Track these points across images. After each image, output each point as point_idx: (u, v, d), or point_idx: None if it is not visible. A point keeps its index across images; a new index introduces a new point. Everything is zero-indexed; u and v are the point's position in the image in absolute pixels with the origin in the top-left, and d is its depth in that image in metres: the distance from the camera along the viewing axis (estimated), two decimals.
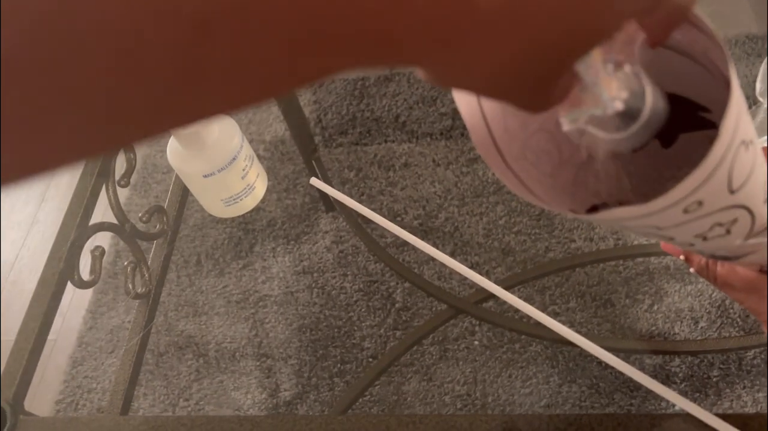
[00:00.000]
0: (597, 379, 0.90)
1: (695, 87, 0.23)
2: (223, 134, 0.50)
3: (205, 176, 0.49)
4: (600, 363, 0.92)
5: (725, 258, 0.25)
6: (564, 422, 0.39)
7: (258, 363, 1.01)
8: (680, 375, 0.88)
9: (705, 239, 0.22)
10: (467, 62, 0.16)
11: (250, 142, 1.26)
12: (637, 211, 0.19)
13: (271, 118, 1.29)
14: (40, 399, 1.06)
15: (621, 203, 0.24)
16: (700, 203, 0.20)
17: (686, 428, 0.38)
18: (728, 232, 0.21)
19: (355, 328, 1.01)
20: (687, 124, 0.24)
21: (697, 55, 0.22)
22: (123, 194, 1.24)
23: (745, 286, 0.27)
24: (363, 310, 1.02)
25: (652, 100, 0.19)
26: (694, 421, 0.38)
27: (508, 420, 0.41)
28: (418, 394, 0.95)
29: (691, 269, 0.29)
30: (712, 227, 0.21)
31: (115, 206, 0.60)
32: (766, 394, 0.82)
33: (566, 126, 0.20)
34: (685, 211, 0.20)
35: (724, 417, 0.38)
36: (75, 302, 1.15)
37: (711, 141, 0.19)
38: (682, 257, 0.30)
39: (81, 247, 0.55)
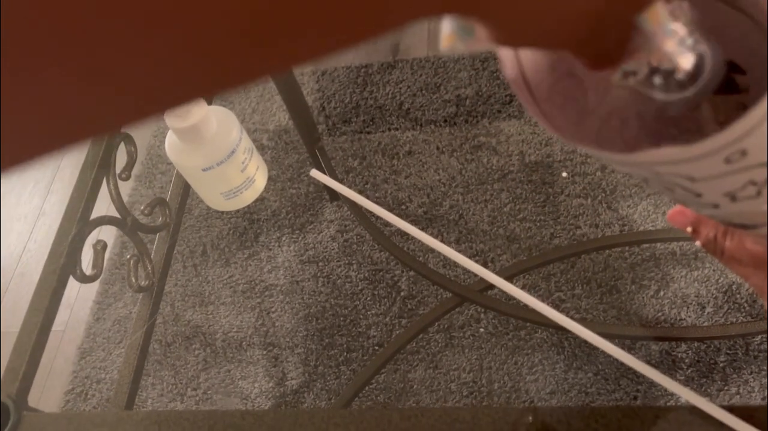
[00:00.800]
0: (603, 365, 0.90)
1: (735, 39, 0.22)
2: (222, 127, 0.49)
3: (204, 170, 0.48)
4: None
5: (742, 226, 0.24)
6: (569, 414, 0.39)
7: (265, 352, 1.01)
8: (687, 360, 0.87)
9: (734, 198, 0.21)
10: (542, 10, 0.16)
11: (253, 132, 1.26)
12: (682, 153, 0.19)
13: (275, 107, 1.28)
14: (49, 391, 1.07)
15: None
16: (743, 153, 0.19)
17: (690, 419, 0.37)
18: (759, 194, 0.21)
19: (361, 317, 1.01)
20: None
21: (742, 3, 0.21)
22: (128, 185, 1.24)
23: (753, 261, 0.26)
24: (368, 299, 1.02)
25: (713, 60, 0.19)
26: (698, 412, 0.38)
27: (532, 412, 0.41)
28: (424, 382, 0.95)
29: (697, 243, 0.28)
30: (745, 186, 0.21)
31: (116, 199, 0.60)
32: None
33: (617, 79, 0.20)
34: (727, 160, 0.19)
35: (729, 410, 0.38)
36: (82, 293, 1.16)
37: (737, 107, 0.18)
38: (689, 229, 0.29)
39: (82, 241, 0.55)
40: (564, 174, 1.08)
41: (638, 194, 1.03)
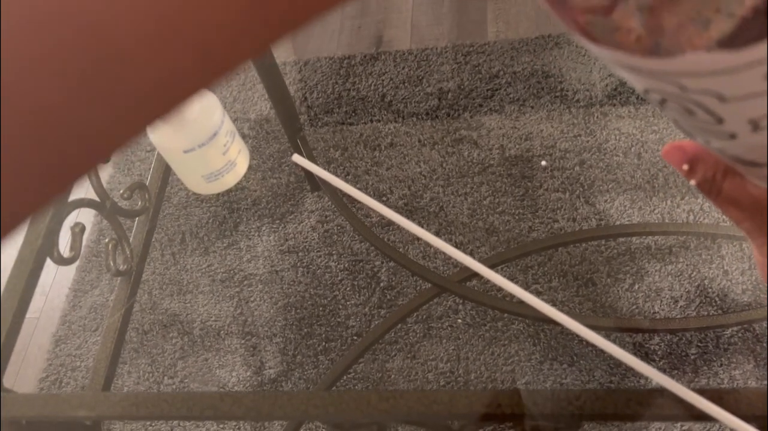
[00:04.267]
0: (578, 357, 0.91)
1: None
2: (204, 109, 0.49)
3: (185, 152, 0.48)
4: (581, 341, 0.93)
5: (751, 164, 0.23)
6: (544, 397, 0.40)
7: (243, 341, 1.01)
8: (659, 352, 0.89)
9: (756, 127, 0.20)
10: None
11: (235, 120, 1.25)
12: (728, 60, 0.17)
13: (256, 96, 1.28)
14: (23, 378, 1.06)
15: None
16: None
17: (663, 403, 0.38)
18: None
19: (340, 307, 1.02)
20: None
21: None
22: (106, 172, 1.22)
23: (752, 204, 0.25)
24: (348, 289, 1.03)
25: None
26: (672, 396, 0.39)
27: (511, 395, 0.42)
28: (402, 371, 0.96)
29: (692, 182, 0.26)
30: None
31: (96, 182, 0.60)
32: (741, 372, 0.84)
33: None
34: (765, 77, 0.17)
35: (701, 392, 0.39)
36: (58, 280, 1.14)
37: None
38: (685, 167, 0.26)
39: (60, 223, 0.55)
40: (543, 163, 1.09)
41: (615, 189, 1.05)
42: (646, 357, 0.89)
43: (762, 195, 0.24)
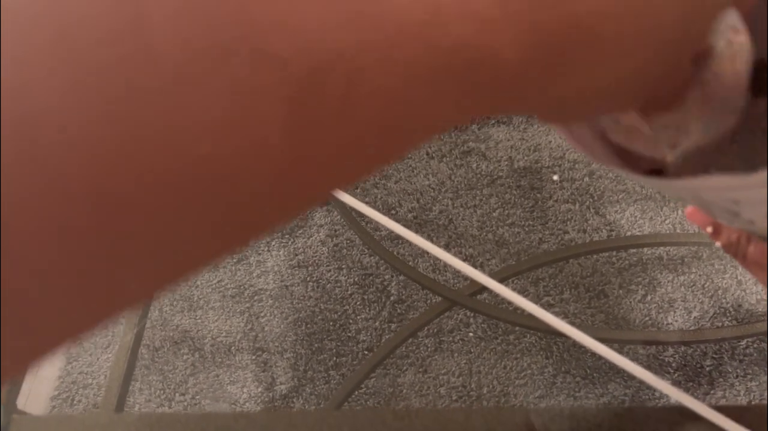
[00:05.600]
0: (591, 370, 0.90)
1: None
2: None
3: None
4: (594, 353, 0.92)
5: None
6: (560, 415, 0.39)
7: (254, 357, 1.01)
8: (674, 364, 0.88)
9: None
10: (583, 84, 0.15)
11: None
12: (735, 181, 0.18)
13: None
14: (35, 396, 1.06)
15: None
16: None
17: (680, 420, 0.38)
18: None
19: (351, 321, 1.01)
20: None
21: None
22: None
23: None
24: (358, 303, 1.02)
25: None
26: (687, 412, 0.38)
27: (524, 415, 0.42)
28: (414, 386, 0.95)
29: (717, 244, 0.27)
30: None
31: None
32: (758, 383, 0.83)
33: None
34: None
35: (718, 409, 0.38)
36: None
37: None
38: (709, 229, 0.28)
39: None
40: (555, 177, 1.09)
41: (625, 199, 1.04)
42: (660, 369, 0.88)
43: None
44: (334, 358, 0.99)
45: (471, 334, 0.98)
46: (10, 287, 0.11)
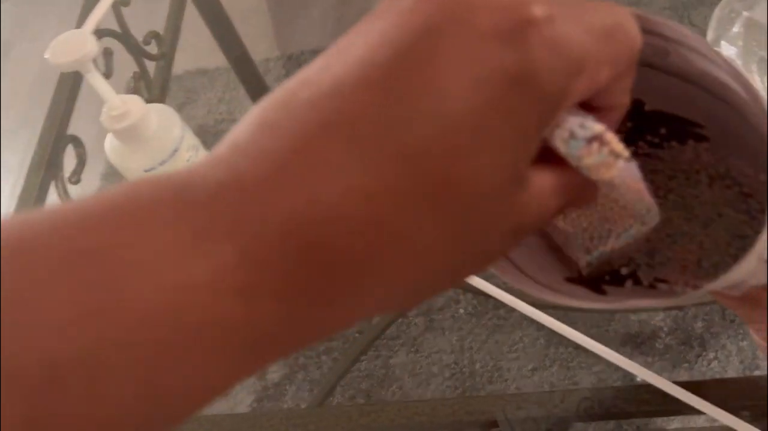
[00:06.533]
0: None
1: (681, 99, 0.21)
2: (162, 125, 0.48)
3: (146, 171, 0.47)
4: (585, 322, 0.92)
5: None
6: (519, 400, 0.38)
7: None
8: (665, 329, 0.87)
9: None
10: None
11: (221, 122, 1.24)
12: (731, 278, 0.19)
13: (241, 96, 1.26)
14: None
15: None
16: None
17: (648, 398, 0.37)
18: None
19: None
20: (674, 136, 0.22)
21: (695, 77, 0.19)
22: (77, 190, 1.21)
23: None
24: None
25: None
26: (657, 391, 0.37)
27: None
28: (406, 366, 0.95)
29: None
30: None
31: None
32: (748, 343, 0.82)
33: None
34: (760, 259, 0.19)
35: (695, 384, 0.37)
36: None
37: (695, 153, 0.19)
38: None
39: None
40: None
41: None
42: (652, 334, 0.87)
43: None
44: (325, 342, 0.98)
45: (461, 310, 0.97)
46: None
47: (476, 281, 0.55)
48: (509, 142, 0.14)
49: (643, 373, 0.37)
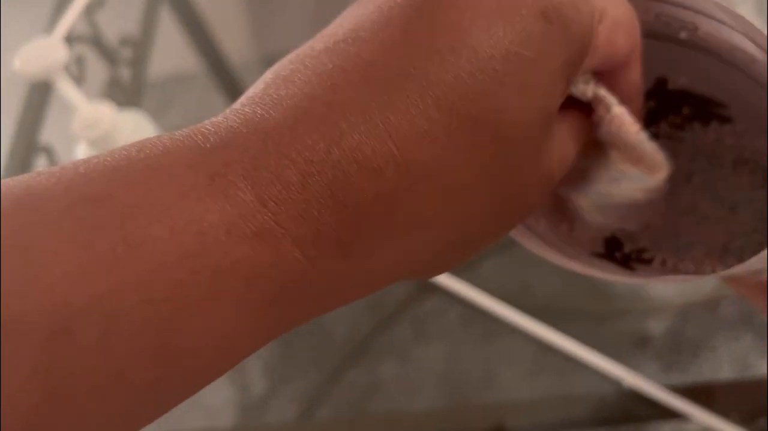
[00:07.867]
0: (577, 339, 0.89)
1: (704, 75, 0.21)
2: (137, 132, 0.46)
3: None
4: (576, 328, 0.91)
5: None
6: (502, 408, 0.37)
7: None
8: (656, 334, 0.87)
9: None
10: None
11: None
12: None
13: (221, 101, 1.25)
14: None
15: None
16: None
17: (634, 404, 0.36)
18: None
19: (326, 314, 0.99)
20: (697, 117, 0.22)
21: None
22: None
23: None
24: None
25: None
26: (642, 397, 0.36)
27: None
28: (394, 377, 0.93)
29: None
30: None
31: None
32: (740, 344, 0.82)
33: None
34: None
35: (684, 388, 0.36)
36: None
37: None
38: None
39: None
40: None
41: None
42: (643, 337, 0.87)
43: None
44: (311, 352, 0.97)
45: (451, 318, 0.96)
46: None
47: (465, 291, 0.54)
48: (538, 81, 0.14)
49: (633, 379, 0.36)
